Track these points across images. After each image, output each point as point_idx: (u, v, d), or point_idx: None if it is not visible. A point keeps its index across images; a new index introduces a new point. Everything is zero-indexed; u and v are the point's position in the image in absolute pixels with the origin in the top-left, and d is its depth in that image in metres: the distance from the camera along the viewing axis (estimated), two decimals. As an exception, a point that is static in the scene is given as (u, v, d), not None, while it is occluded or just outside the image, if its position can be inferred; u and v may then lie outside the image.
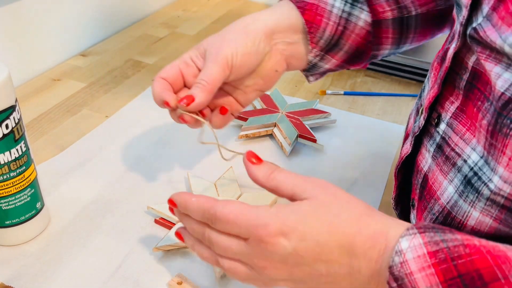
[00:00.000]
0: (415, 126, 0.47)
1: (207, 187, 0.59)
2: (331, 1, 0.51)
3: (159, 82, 0.49)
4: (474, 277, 0.31)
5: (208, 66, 0.48)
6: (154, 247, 0.50)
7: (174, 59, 0.95)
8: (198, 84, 0.47)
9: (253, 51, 0.49)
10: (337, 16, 0.51)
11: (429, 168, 0.43)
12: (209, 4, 1.20)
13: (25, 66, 0.83)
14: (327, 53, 0.53)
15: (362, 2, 0.52)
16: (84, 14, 0.93)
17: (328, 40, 0.52)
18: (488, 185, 0.35)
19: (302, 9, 0.51)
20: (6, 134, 0.45)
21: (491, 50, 0.35)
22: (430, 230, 0.33)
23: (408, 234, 0.33)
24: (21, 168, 0.48)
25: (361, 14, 0.52)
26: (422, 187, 0.44)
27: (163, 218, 0.55)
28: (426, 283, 0.32)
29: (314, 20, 0.51)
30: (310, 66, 0.54)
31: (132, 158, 0.65)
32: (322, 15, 0.51)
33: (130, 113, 0.74)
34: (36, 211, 0.52)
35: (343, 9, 0.51)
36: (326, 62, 0.54)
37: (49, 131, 0.70)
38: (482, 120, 0.36)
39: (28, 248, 0.51)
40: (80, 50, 0.93)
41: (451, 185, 0.39)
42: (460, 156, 0.39)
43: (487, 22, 0.35)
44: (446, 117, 0.42)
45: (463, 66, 0.40)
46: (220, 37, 0.49)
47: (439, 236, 0.33)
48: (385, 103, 0.83)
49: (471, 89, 0.39)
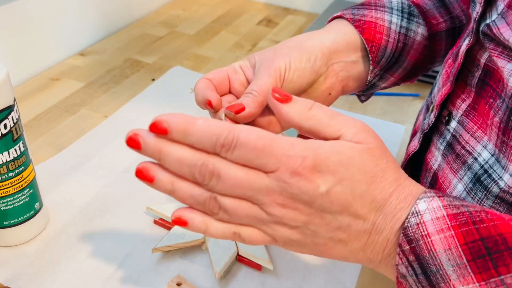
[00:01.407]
0: (424, 123, 0.47)
1: None
2: (388, 17, 0.49)
3: (204, 81, 0.44)
4: (498, 241, 0.29)
5: (259, 77, 0.43)
6: (154, 248, 0.50)
7: (174, 58, 0.95)
8: (249, 94, 0.42)
9: (308, 68, 0.45)
10: (396, 32, 0.49)
11: (439, 167, 0.42)
12: (209, 3, 1.19)
13: (23, 65, 0.82)
14: (386, 72, 0.51)
15: (418, 16, 0.50)
16: (83, 13, 0.93)
17: (389, 58, 0.49)
18: (498, 183, 0.35)
19: (361, 28, 0.48)
20: (5, 134, 0.45)
21: (504, 48, 0.35)
22: (449, 196, 0.32)
23: (426, 196, 0.32)
24: (19, 168, 0.48)
25: (418, 29, 0.50)
26: (431, 185, 0.43)
27: (162, 219, 0.54)
28: (444, 245, 0.30)
29: (374, 38, 0.48)
30: (368, 86, 0.51)
31: (131, 158, 0.65)
32: (382, 32, 0.48)
33: (129, 113, 0.74)
34: (35, 211, 0.51)
35: (401, 24, 0.49)
36: (384, 81, 0.52)
37: (47, 131, 0.70)
38: (494, 118, 0.36)
39: (27, 248, 0.51)
40: (79, 50, 0.93)
41: (460, 183, 0.39)
42: (471, 154, 0.38)
43: (501, 20, 0.35)
44: (457, 115, 0.41)
45: (475, 63, 0.40)
46: (273, 51, 0.45)
47: (458, 201, 0.31)
48: (386, 103, 0.82)
49: (483, 87, 0.39)
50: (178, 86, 0.82)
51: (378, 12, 0.49)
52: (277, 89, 0.35)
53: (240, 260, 0.51)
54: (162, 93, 0.80)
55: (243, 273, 0.50)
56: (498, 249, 0.29)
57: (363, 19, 0.48)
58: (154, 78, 0.84)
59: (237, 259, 0.51)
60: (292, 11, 1.18)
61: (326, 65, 0.46)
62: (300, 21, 1.13)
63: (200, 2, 1.20)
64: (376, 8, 0.50)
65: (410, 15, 0.50)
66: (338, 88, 0.48)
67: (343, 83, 0.48)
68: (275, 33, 1.06)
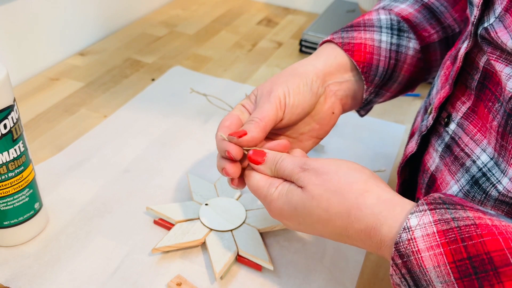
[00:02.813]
0: (422, 125, 0.47)
1: (207, 188, 0.59)
2: (378, 36, 0.50)
3: (224, 131, 0.45)
4: (484, 260, 0.30)
5: (261, 106, 0.45)
6: (154, 248, 0.50)
7: (174, 58, 0.95)
8: (251, 121, 0.44)
9: (306, 91, 0.46)
10: (387, 50, 0.50)
11: (437, 168, 0.42)
12: (209, 3, 1.19)
13: (23, 65, 0.82)
14: (381, 89, 0.52)
15: (408, 31, 0.51)
16: (82, 13, 0.93)
17: (382, 76, 0.51)
18: (496, 187, 0.35)
19: (351, 51, 0.49)
20: (4, 134, 0.45)
21: (501, 51, 0.35)
22: (441, 206, 0.32)
23: (418, 210, 0.32)
24: (19, 168, 0.48)
25: (409, 43, 0.51)
26: (429, 186, 0.43)
27: (162, 219, 0.54)
28: (433, 262, 0.31)
29: (365, 59, 0.49)
30: (365, 103, 0.53)
31: (131, 158, 0.65)
32: (372, 52, 0.49)
33: (129, 113, 0.74)
34: (35, 211, 0.51)
35: (391, 41, 0.50)
36: (381, 97, 0.53)
37: (47, 131, 0.70)
38: (493, 122, 0.36)
39: (27, 248, 0.51)
40: (79, 49, 0.93)
41: (456, 184, 0.39)
42: (469, 156, 0.38)
43: (499, 23, 0.35)
44: (456, 117, 0.41)
45: (474, 66, 0.40)
46: (270, 82, 0.47)
47: (450, 213, 0.32)
48: (386, 103, 0.82)
49: (483, 90, 0.39)
50: (178, 86, 0.81)
51: (367, 32, 0.50)
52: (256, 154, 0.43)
53: (240, 260, 0.51)
54: (162, 93, 0.80)
55: (243, 273, 0.50)
56: (485, 268, 0.30)
57: (352, 42, 0.50)
58: (153, 78, 0.84)
59: (237, 259, 0.51)
60: (292, 11, 1.18)
61: (323, 86, 0.48)
62: (300, 21, 1.13)
63: (200, 1, 1.20)
64: (365, 29, 0.51)
65: (400, 30, 0.51)
66: (339, 106, 0.50)
67: (343, 101, 0.50)
68: (275, 33, 1.06)
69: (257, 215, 0.55)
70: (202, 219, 0.54)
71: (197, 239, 0.51)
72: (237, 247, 0.51)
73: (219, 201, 0.56)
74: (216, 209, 0.55)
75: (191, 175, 0.61)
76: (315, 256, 0.52)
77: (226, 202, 0.56)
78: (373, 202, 0.35)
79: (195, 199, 0.57)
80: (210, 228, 0.53)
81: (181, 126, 0.72)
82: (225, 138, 0.44)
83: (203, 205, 0.55)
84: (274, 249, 0.53)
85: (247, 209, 0.55)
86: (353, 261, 0.52)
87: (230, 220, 0.54)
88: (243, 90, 0.81)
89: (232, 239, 0.52)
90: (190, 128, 0.72)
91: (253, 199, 0.57)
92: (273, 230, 0.54)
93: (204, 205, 0.55)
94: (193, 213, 0.55)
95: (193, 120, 0.73)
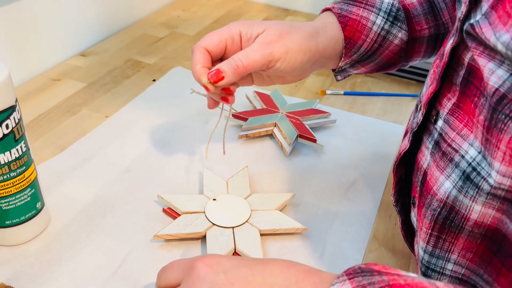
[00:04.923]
0: (413, 122, 0.47)
1: (219, 183, 0.59)
2: (373, 18, 0.52)
3: (201, 53, 0.49)
4: None
5: (252, 51, 0.47)
6: (155, 235, 0.51)
7: (174, 59, 0.95)
8: (232, 62, 0.46)
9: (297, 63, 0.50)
10: (376, 33, 0.52)
11: (428, 165, 0.43)
12: (209, 4, 1.20)
13: (25, 66, 0.83)
14: (357, 63, 0.55)
15: (402, 21, 0.53)
16: (84, 14, 0.93)
17: (361, 55, 0.53)
18: (487, 180, 0.35)
19: (344, 24, 0.52)
20: (6, 134, 0.45)
21: (485, 47, 0.36)
22: (359, 275, 0.33)
23: (338, 281, 0.34)
24: (21, 168, 0.48)
25: (399, 33, 0.53)
26: (422, 184, 0.44)
27: (170, 208, 0.56)
28: None
29: (353, 36, 0.52)
30: (339, 70, 0.56)
31: (132, 158, 0.65)
32: (362, 31, 0.52)
33: (130, 113, 0.74)
34: (36, 211, 0.52)
35: (383, 26, 0.52)
36: (355, 69, 0.56)
37: (49, 131, 0.70)
38: (479, 116, 0.36)
39: (28, 248, 0.51)
40: (80, 50, 0.93)
41: (448, 180, 0.39)
42: (457, 151, 0.39)
43: (484, 20, 0.35)
44: (443, 114, 0.42)
45: (460, 62, 0.40)
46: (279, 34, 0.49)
47: (367, 279, 0.33)
48: (385, 103, 0.83)
49: (467, 85, 0.39)
50: (179, 87, 0.82)
51: (365, 11, 0.53)
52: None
53: (237, 258, 0.51)
54: (162, 93, 0.80)
55: (243, 272, 0.50)
56: None
57: (348, 16, 0.52)
58: (154, 79, 0.85)
59: (234, 256, 0.51)
60: (291, 12, 1.19)
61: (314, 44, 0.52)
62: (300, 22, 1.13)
63: (201, 3, 1.20)
64: (365, 7, 0.53)
65: (395, 19, 0.52)
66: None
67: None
68: (275, 34, 1.06)
69: (261, 216, 0.55)
70: (207, 213, 0.54)
71: (198, 231, 0.52)
72: (235, 244, 0.51)
73: (227, 198, 0.57)
74: (223, 205, 0.56)
75: (206, 169, 0.61)
76: (314, 255, 0.53)
77: (234, 200, 0.57)
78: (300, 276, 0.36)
79: (205, 193, 0.58)
80: (213, 223, 0.53)
81: (182, 126, 0.72)
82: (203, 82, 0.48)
83: (211, 200, 0.56)
84: (274, 247, 0.53)
85: (253, 209, 0.56)
86: (352, 260, 0.53)
87: (233, 218, 0.54)
88: (243, 90, 0.81)
89: (231, 236, 0.52)
90: (191, 128, 0.72)
91: (260, 200, 0.58)
92: (275, 233, 0.54)
93: (212, 200, 0.56)
94: (200, 206, 0.55)
95: (194, 120, 0.73)
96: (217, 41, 0.49)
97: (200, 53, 0.49)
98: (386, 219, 0.59)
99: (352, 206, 0.60)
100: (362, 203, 0.61)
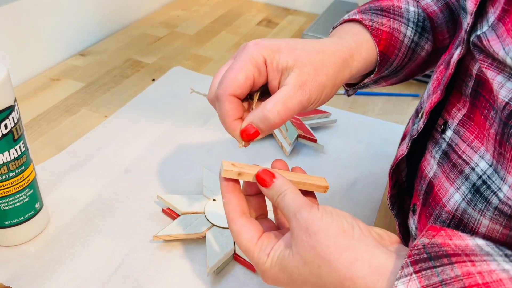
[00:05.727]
0: (413, 129, 0.46)
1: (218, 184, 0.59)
2: (404, 30, 0.49)
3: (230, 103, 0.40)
4: None
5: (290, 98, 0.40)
6: (154, 235, 0.51)
7: (174, 58, 0.94)
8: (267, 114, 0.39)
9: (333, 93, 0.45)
10: (406, 47, 0.49)
11: (435, 175, 0.42)
12: (209, 4, 1.19)
13: (24, 66, 0.82)
14: (382, 79, 0.51)
15: (429, 31, 0.50)
16: (83, 14, 0.93)
17: (392, 71, 0.50)
18: (497, 194, 0.35)
19: (378, 38, 0.47)
20: (5, 134, 0.45)
21: (493, 60, 0.35)
22: (427, 265, 0.31)
23: (403, 275, 0.31)
24: (20, 168, 0.48)
25: (426, 45, 0.50)
26: (427, 193, 0.43)
27: (169, 209, 0.56)
28: None
29: (387, 51, 0.47)
30: (360, 86, 0.51)
31: (131, 158, 0.65)
32: (396, 46, 0.48)
33: (129, 113, 0.74)
34: (35, 211, 0.51)
35: (413, 39, 0.49)
36: (376, 85, 0.52)
37: (48, 131, 0.70)
38: (490, 129, 0.36)
39: (27, 248, 0.51)
40: (79, 50, 0.93)
41: (458, 192, 0.39)
42: (467, 164, 0.38)
43: (492, 32, 0.35)
44: (453, 124, 0.41)
45: (468, 73, 0.40)
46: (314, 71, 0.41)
47: (437, 274, 0.30)
48: (386, 103, 0.83)
49: (477, 97, 0.38)
50: (178, 86, 0.82)
51: (395, 22, 0.49)
52: (264, 173, 0.40)
53: (236, 259, 0.51)
54: (162, 93, 0.80)
55: (242, 273, 0.50)
56: None
57: (381, 28, 0.47)
58: (154, 78, 0.84)
59: (233, 258, 0.51)
60: (292, 11, 1.19)
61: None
62: (300, 21, 1.13)
63: (200, 2, 1.20)
64: (394, 17, 0.49)
65: (423, 29, 0.50)
66: None
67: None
68: (275, 34, 1.06)
69: None
70: (207, 213, 0.54)
71: (198, 232, 0.52)
72: (235, 246, 0.51)
73: None
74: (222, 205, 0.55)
75: (205, 169, 0.61)
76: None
77: None
78: (365, 273, 0.34)
79: (204, 193, 0.57)
80: (212, 223, 0.53)
81: (181, 126, 0.72)
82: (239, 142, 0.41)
83: (211, 200, 0.56)
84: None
85: None
86: (352, 260, 0.52)
87: None
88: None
89: (231, 236, 0.52)
90: (190, 128, 0.72)
91: None
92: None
93: (212, 200, 0.56)
94: (199, 206, 0.55)
95: (193, 120, 0.73)
96: (243, 81, 0.40)
97: (229, 103, 0.40)
98: (386, 219, 0.59)
99: (352, 206, 0.60)
100: (362, 203, 0.61)
